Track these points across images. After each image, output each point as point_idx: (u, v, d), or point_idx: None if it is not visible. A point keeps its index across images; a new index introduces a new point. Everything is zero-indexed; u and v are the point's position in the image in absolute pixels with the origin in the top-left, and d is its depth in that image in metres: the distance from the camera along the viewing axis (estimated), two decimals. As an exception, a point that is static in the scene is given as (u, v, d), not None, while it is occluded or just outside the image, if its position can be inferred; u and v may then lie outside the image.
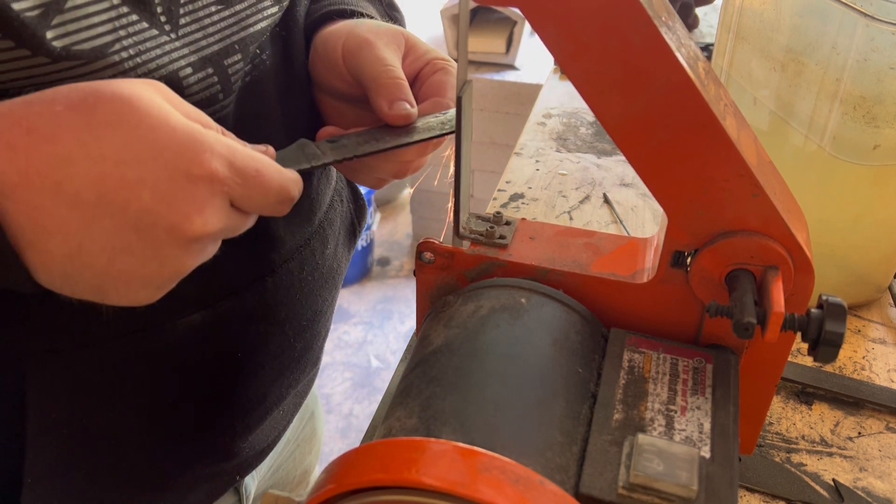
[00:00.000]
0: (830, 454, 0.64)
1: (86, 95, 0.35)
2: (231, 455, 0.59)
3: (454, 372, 0.41)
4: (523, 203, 0.96)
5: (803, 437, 0.65)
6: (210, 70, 0.46)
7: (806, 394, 0.69)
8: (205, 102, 0.47)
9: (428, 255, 0.50)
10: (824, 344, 0.41)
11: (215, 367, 0.55)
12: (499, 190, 0.99)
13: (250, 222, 0.42)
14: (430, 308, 0.50)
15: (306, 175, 0.58)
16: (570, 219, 0.93)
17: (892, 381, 0.71)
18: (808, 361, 0.72)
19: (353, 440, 2.02)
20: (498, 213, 0.52)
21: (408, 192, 2.82)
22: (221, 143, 0.37)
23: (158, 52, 0.43)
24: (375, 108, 0.51)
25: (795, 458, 0.64)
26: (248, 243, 0.47)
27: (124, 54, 0.41)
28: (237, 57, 0.48)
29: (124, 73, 0.41)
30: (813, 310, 0.41)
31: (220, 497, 0.63)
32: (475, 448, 0.34)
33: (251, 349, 0.57)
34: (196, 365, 0.53)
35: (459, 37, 0.44)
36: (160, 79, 0.43)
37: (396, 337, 2.37)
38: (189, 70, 0.45)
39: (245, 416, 0.59)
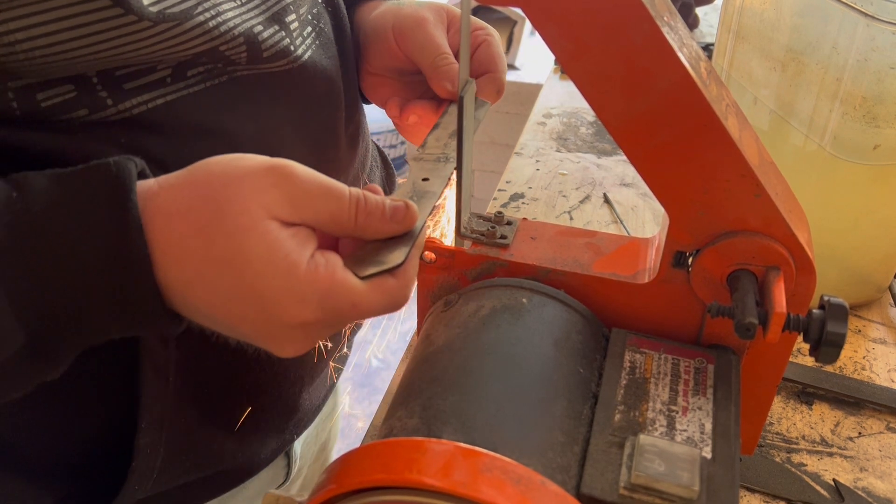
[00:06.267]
0: (831, 454, 0.64)
1: (209, 221, 0.39)
2: (296, 408, 0.64)
3: (455, 372, 0.41)
4: (523, 203, 0.96)
5: (804, 437, 0.65)
6: (276, 27, 0.51)
7: (806, 394, 0.69)
8: (281, 54, 0.51)
9: (429, 255, 0.50)
10: (826, 344, 0.41)
11: None
12: (499, 190, 0.98)
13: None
14: (431, 308, 0.50)
15: (334, 143, 0.61)
16: (571, 219, 0.93)
17: (893, 381, 0.71)
18: (809, 361, 0.72)
19: (354, 440, 2.02)
20: (499, 212, 0.52)
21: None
22: (317, 284, 0.39)
23: (232, 14, 0.48)
24: (437, 90, 0.60)
25: (796, 458, 0.64)
26: None
27: (207, 15, 0.46)
28: (293, 16, 0.53)
29: (209, 33, 0.46)
30: (814, 310, 0.41)
31: (279, 455, 0.67)
32: (476, 448, 0.34)
33: None
34: None
35: (460, 37, 0.44)
36: (240, 35, 0.48)
37: (397, 337, 2.36)
38: (261, 27, 0.50)
39: (311, 367, 0.63)
